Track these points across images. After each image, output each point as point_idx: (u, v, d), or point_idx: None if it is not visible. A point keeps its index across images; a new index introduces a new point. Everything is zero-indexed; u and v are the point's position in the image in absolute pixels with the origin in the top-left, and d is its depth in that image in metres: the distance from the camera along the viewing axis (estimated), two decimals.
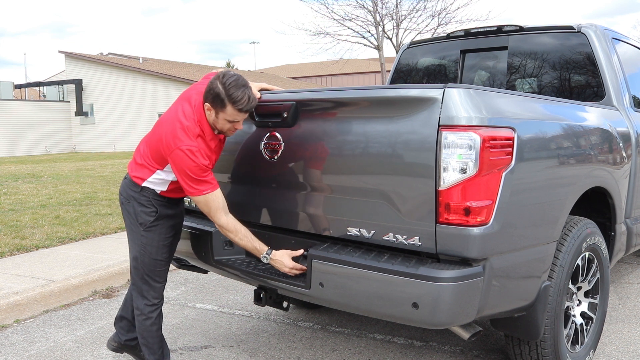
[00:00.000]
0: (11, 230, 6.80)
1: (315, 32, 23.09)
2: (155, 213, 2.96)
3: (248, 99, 2.70)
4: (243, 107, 2.70)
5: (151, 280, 3.02)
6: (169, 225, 3.02)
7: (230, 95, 2.67)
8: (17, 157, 25.96)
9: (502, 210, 2.38)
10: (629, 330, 3.90)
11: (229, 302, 4.64)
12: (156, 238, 2.98)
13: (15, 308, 4.41)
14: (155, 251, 2.99)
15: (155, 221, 2.96)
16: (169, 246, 3.04)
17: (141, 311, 3.06)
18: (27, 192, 10.59)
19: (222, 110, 2.72)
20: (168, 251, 3.05)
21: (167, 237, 3.02)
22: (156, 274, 3.03)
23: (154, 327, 3.07)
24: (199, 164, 2.71)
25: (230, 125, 2.79)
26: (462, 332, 2.56)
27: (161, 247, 3.00)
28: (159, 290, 3.06)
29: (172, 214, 3.03)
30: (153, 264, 3.00)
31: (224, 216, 2.84)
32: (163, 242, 3.00)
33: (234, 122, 2.77)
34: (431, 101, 2.36)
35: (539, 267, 2.72)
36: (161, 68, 33.63)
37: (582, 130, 3.09)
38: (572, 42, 3.99)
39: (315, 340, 3.82)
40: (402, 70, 5.00)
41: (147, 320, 3.05)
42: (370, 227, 2.57)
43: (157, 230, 2.97)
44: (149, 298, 3.04)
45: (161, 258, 3.01)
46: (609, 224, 3.55)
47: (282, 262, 2.81)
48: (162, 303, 3.10)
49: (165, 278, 3.09)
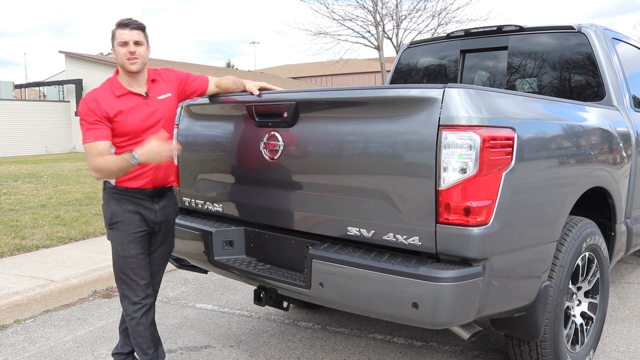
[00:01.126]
0: (11, 230, 6.80)
1: (315, 32, 23.06)
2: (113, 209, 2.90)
3: (128, 18, 2.88)
4: (122, 22, 2.85)
5: (127, 278, 2.93)
6: (134, 220, 2.91)
7: (115, 23, 2.88)
8: (17, 157, 25.96)
9: (502, 210, 2.38)
10: (629, 330, 3.90)
11: (229, 302, 4.64)
12: (120, 235, 2.90)
13: (15, 308, 4.41)
14: (122, 248, 2.90)
15: (114, 217, 2.90)
16: (138, 242, 2.92)
17: (126, 311, 2.98)
18: (27, 192, 10.59)
19: (114, 38, 2.86)
20: (139, 247, 2.92)
21: (135, 233, 2.91)
22: (131, 272, 2.92)
23: (140, 327, 2.96)
24: (88, 108, 2.78)
25: (124, 49, 2.82)
26: (462, 332, 2.56)
27: (128, 244, 2.89)
28: (137, 290, 2.94)
29: (135, 210, 2.91)
30: (123, 262, 2.92)
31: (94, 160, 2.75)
32: (129, 239, 2.89)
33: (123, 43, 2.82)
34: (431, 101, 2.36)
35: (539, 267, 2.72)
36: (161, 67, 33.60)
37: (582, 130, 3.09)
38: (572, 42, 3.99)
39: (315, 340, 3.82)
40: (402, 70, 5.00)
41: (132, 320, 2.96)
42: (370, 227, 2.57)
43: (120, 227, 2.89)
44: (130, 297, 2.95)
45: (130, 254, 2.90)
46: (609, 224, 3.54)
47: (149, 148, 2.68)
48: (147, 302, 2.98)
49: (144, 276, 2.95)
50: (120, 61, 2.84)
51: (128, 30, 2.82)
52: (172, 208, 3.13)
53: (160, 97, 2.95)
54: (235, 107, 3.20)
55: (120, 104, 2.82)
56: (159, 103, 2.93)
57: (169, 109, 2.99)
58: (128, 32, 2.82)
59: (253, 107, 2.98)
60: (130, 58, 2.82)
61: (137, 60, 2.83)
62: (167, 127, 2.95)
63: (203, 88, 3.18)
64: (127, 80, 2.89)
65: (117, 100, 2.83)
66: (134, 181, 2.89)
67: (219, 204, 3.30)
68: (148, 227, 2.97)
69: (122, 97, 2.85)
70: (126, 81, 2.89)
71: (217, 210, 3.31)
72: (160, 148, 2.69)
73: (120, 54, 2.83)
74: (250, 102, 3.02)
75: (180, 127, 3.51)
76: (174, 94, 3.03)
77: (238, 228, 3.17)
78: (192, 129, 3.47)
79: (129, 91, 2.88)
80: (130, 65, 2.83)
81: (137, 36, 2.84)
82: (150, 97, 2.91)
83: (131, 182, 2.89)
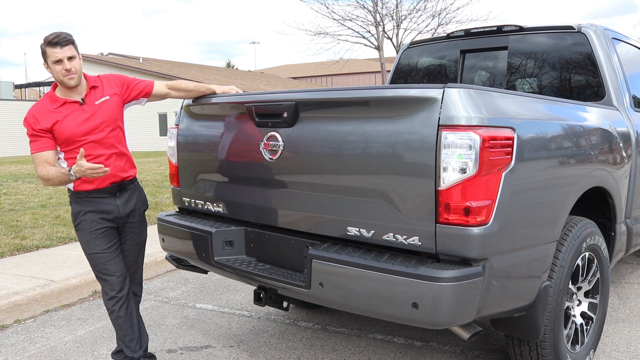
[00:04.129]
0: (11, 230, 6.80)
1: (316, 32, 23.07)
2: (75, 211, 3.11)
3: (55, 34, 2.94)
4: (51, 40, 2.92)
5: (101, 274, 3.12)
6: (95, 219, 3.08)
7: (44, 40, 2.96)
8: (18, 157, 25.96)
9: (502, 210, 2.38)
10: (629, 330, 3.90)
11: (229, 302, 4.64)
12: (84, 234, 3.10)
13: (15, 308, 4.41)
14: (87, 246, 3.09)
15: (77, 219, 3.11)
16: (102, 238, 3.09)
17: (106, 307, 3.16)
18: (27, 192, 10.60)
19: (46, 56, 2.95)
20: (103, 243, 3.09)
21: (97, 230, 3.08)
22: (102, 268, 3.09)
23: (120, 320, 3.14)
24: (28, 124, 3.00)
25: (59, 67, 2.92)
26: (462, 332, 2.56)
27: (92, 241, 3.08)
28: (112, 284, 3.10)
29: (95, 209, 3.08)
30: (92, 259, 3.11)
31: (39, 169, 2.98)
32: (92, 236, 3.08)
33: (57, 61, 2.92)
34: (431, 101, 2.36)
35: (539, 267, 2.72)
36: (161, 68, 33.63)
37: (582, 130, 3.09)
38: (572, 42, 3.99)
39: (315, 340, 3.82)
40: (402, 70, 5.00)
41: (112, 314, 3.14)
42: (370, 227, 2.57)
43: (82, 227, 3.09)
44: (107, 291, 3.12)
45: (96, 251, 3.08)
46: (609, 224, 3.54)
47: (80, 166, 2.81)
48: (122, 294, 3.12)
49: (116, 270, 3.10)
50: (58, 78, 3.00)
51: (59, 48, 2.93)
52: (138, 199, 3.27)
53: (98, 102, 3.08)
54: (235, 107, 3.20)
55: (56, 115, 3.00)
56: (97, 107, 3.08)
57: (111, 111, 3.12)
58: (60, 50, 2.93)
59: (253, 108, 2.98)
60: (66, 75, 2.95)
61: (74, 75, 2.97)
62: (112, 128, 3.09)
63: (148, 89, 3.31)
64: (64, 92, 3.05)
65: (54, 112, 3.01)
66: (87, 184, 3.06)
67: (218, 204, 3.30)
68: (112, 222, 3.14)
69: (59, 108, 3.02)
70: (64, 93, 3.05)
71: (217, 210, 3.32)
72: (86, 167, 2.81)
73: (56, 71, 2.96)
74: (250, 103, 3.02)
75: (180, 127, 3.51)
76: (116, 97, 3.15)
77: (238, 228, 3.17)
78: (192, 129, 3.47)
79: (65, 101, 3.03)
80: (69, 80, 2.97)
81: (69, 52, 2.96)
82: (87, 102, 3.06)
83: (85, 185, 3.07)
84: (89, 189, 3.07)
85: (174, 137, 3.54)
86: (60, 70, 2.94)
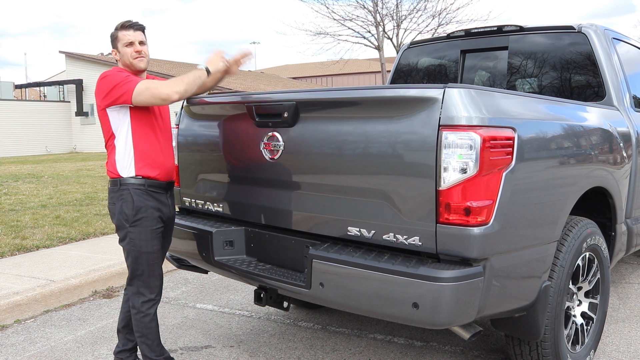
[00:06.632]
0: (12, 231, 6.80)
1: (316, 33, 23.08)
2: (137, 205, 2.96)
3: (128, 20, 3.05)
4: (125, 24, 3.01)
5: (146, 275, 3.02)
6: (156, 216, 3.00)
7: (116, 27, 3.04)
8: (18, 157, 25.98)
9: (503, 210, 2.38)
10: (630, 330, 3.90)
11: (229, 302, 4.64)
12: (144, 231, 2.97)
13: (15, 308, 4.41)
14: (145, 244, 2.99)
15: (138, 213, 2.96)
16: (158, 238, 3.04)
17: (138, 309, 3.04)
18: (27, 192, 10.60)
19: (117, 40, 3.01)
20: (159, 243, 3.05)
21: (157, 229, 3.01)
22: (150, 268, 3.02)
23: (153, 324, 3.08)
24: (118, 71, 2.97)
25: (130, 49, 2.98)
26: (463, 332, 2.56)
27: (151, 239, 2.99)
28: (154, 287, 3.05)
29: (156, 206, 3.00)
30: (145, 258, 3.01)
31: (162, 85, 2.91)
32: (153, 234, 2.99)
33: (129, 44, 2.98)
34: (431, 101, 2.36)
35: (539, 267, 2.72)
36: (162, 68, 33.56)
37: (583, 131, 3.09)
38: (573, 42, 3.98)
39: (315, 340, 3.82)
40: (402, 70, 5.00)
41: (145, 317, 3.04)
42: (370, 227, 2.57)
43: (144, 223, 2.97)
44: (145, 293, 3.03)
45: (152, 250, 3.01)
46: (609, 224, 3.54)
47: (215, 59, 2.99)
48: (159, 298, 3.10)
49: (160, 272, 3.08)
50: (128, 61, 3.01)
51: (132, 31, 3.00)
52: (174, 204, 3.27)
53: None
54: (236, 107, 3.20)
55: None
56: None
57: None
58: (132, 33, 3.00)
59: (253, 107, 2.98)
60: (137, 57, 3.00)
61: (144, 58, 3.03)
62: (164, 114, 3.17)
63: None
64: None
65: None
66: (150, 169, 2.97)
67: (219, 204, 3.30)
68: (164, 222, 3.09)
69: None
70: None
71: (218, 210, 3.32)
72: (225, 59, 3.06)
73: (126, 54, 3.00)
74: (250, 102, 3.02)
75: (180, 127, 3.51)
76: None
77: (238, 228, 3.17)
78: (192, 129, 3.47)
79: None
80: (139, 62, 3.01)
81: (140, 36, 3.03)
82: None
83: (149, 170, 2.97)
84: (152, 176, 2.97)
85: (174, 137, 3.54)
86: (131, 53, 2.98)
